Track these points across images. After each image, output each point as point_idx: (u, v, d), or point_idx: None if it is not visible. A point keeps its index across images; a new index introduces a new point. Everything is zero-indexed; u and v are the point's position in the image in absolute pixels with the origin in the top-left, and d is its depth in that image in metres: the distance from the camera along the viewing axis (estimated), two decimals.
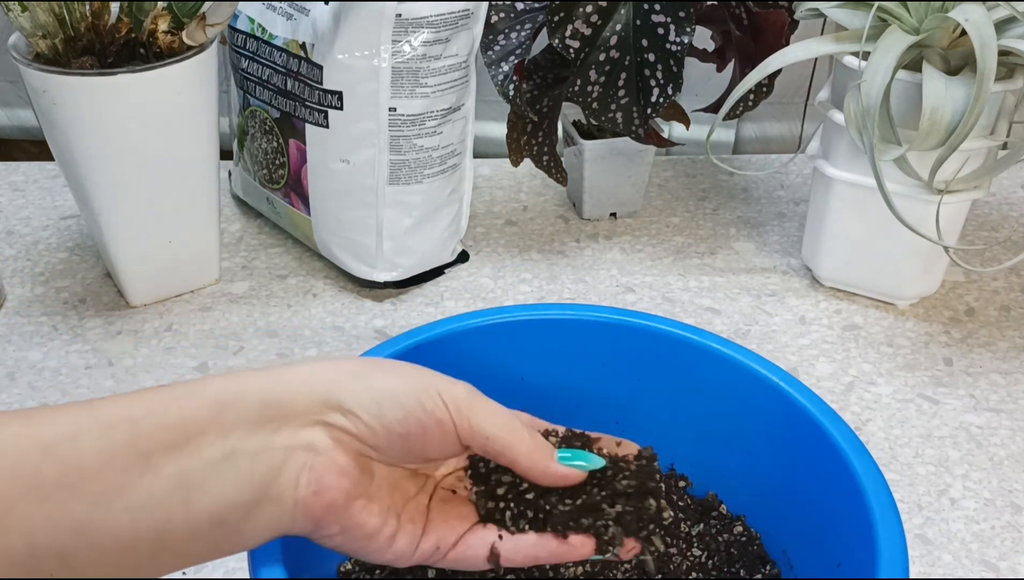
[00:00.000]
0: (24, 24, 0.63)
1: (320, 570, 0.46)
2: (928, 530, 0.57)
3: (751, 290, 0.77)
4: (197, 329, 0.72)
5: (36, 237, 0.82)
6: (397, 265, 0.75)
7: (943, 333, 0.73)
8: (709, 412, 0.51)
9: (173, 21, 0.66)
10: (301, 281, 0.78)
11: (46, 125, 0.66)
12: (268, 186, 0.79)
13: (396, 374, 0.37)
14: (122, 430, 0.33)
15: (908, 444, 0.63)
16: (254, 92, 0.76)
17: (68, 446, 0.32)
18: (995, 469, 0.61)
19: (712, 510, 0.52)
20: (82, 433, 0.33)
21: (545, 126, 0.77)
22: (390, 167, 0.71)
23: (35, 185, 0.90)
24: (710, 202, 0.90)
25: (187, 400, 0.34)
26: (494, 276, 0.79)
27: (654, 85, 0.71)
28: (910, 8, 0.63)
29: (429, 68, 0.69)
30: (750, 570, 0.49)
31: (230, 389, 0.35)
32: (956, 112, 0.60)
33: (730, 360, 0.49)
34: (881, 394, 0.67)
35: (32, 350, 0.69)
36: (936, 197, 0.66)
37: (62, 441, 0.32)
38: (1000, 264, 0.81)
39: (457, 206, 0.77)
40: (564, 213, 0.87)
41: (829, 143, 0.72)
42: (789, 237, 0.84)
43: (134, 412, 0.33)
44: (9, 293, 0.75)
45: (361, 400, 0.36)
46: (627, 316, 0.51)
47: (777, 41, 0.72)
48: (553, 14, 0.69)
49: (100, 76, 0.63)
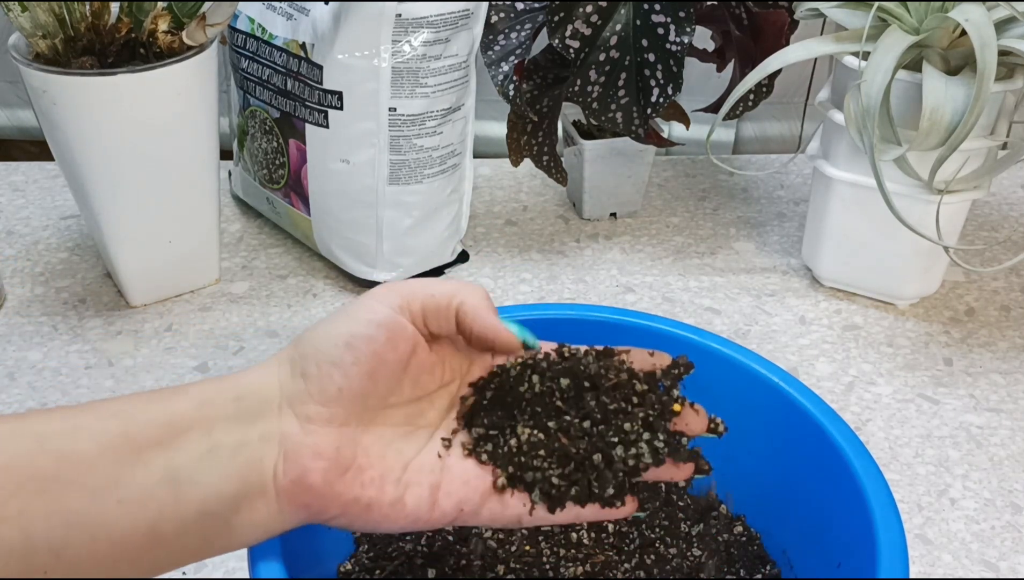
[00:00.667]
0: (24, 24, 0.63)
1: (320, 570, 0.46)
2: (928, 530, 0.57)
3: (751, 290, 0.77)
4: (197, 329, 0.72)
5: (36, 237, 0.82)
6: (397, 265, 0.75)
7: (943, 333, 0.73)
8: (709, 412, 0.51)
9: (173, 21, 0.66)
10: (301, 281, 0.78)
11: (46, 125, 0.66)
12: (268, 186, 0.79)
13: (342, 317, 0.37)
14: (115, 423, 0.34)
15: (908, 444, 0.63)
16: (254, 92, 0.76)
17: (64, 439, 0.33)
18: (995, 469, 0.61)
19: (712, 510, 0.52)
20: (78, 427, 0.34)
21: (545, 126, 0.77)
22: (390, 167, 0.71)
23: (35, 185, 0.90)
24: (710, 202, 0.90)
25: (173, 398, 0.36)
26: (494, 276, 0.79)
27: (654, 85, 0.71)
28: (910, 8, 0.63)
29: (429, 68, 0.69)
30: (750, 570, 0.49)
31: (211, 387, 0.36)
32: (956, 112, 0.60)
33: (730, 360, 0.49)
34: (881, 394, 0.67)
35: (32, 350, 0.69)
36: (936, 197, 0.66)
37: (58, 434, 0.33)
38: (1000, 264, 0.81)
39: (457, 206, 0.77)
40: (564, 213, 0.87)
41: (829, 143, 0.72)
42: (789, 237, 0.85)
43: (126, 407, 0.35)
44: (9, 293, 0.75)
45: (308, 358, 0.37)
46: (627, 316, 0.51)
47: (777, 41, 0.73)
48: (553, 14, 0.69)
49: (100, 76, 0.63)
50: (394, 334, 0.37)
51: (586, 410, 0.39)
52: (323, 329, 0.37)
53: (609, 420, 0.39)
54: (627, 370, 0.40)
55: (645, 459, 0.38)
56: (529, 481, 0.38)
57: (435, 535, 0.50)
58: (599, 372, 0.40)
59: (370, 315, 0.37)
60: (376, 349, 0.37)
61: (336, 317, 0.38)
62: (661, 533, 0.50)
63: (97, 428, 0.34)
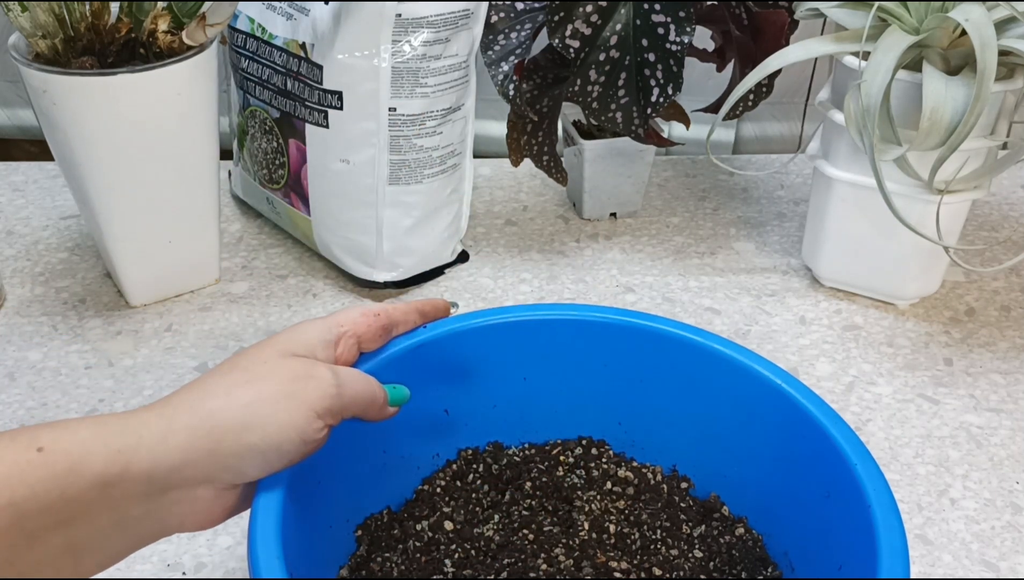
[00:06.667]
0: (24, 24, 0.63)
1: (320, 571, 0.46)
2: (928, 530, 0.57)
3: (751, 290, 0.77)
4: (197, 329, 0.72)
5: (36, 237, 0.82)
6: (397, 265, 0.75)
7: (943, 333, 0.73)
8: (710, 413, 0.51)
9: (173, 21, 0.66)
10: (301, 281, 0.78)
11: (46, 125, 0.66)
12: (268, 186, 0.79)
13: (273, 426, 0.39)
14: (6, 516, 0.33)
15: (908, 444, 0.63)
16: (254, 92, 0.76)
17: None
18: (995, 469, 0.61)
19: (714, 511, 0.52)
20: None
21: (545, 126, 0.77)
22: (390, 167, 0.71)
23: (35, 185, 0.90)
24: (710, 202, 0.90)
25: (69, 482, 0.34)
26: (494, 276, 0.79)
27: (654, 85, 0.71)
28: (910, 8, 0.63)
29: (429, 68, 0.69)
30: (752, 572, 0.49)
31: (111, 468, 0.35)
32: (956, 112, 0.60)
33: (731, 360, 0.49)
34: (881, 394, 0.67)
35: (32, 350, 0.69)
36: (936, 197, 0.66)
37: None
38: (1000, 264, 0.81)
39: (457, 206, 0.77)
40: (564, 213, 0.87)
41: (829, 143, 0.72)
42: (789, 237, 0.84)
43: (15, 496, 0.33)
44: (9, 293, 0.75)
45: (229, 470, 0.38)
46: (628, 316, 0.51)
47: (777, 41, 0.72)
48: (553, 14, 0.69)
49: (100, 76, 0.63)
50: (319, 445, 0.40)
51: None
52: (248, 439, 0.38)
53: None
54: None
55: None
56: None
57: (435, 535, 0.50)
58: None
59: (303, 436, 0.39)
60: (299, 458, 0.40)
61: (265, 423, 0.38)
62: (663, 534, 0.50)
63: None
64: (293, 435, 0.38)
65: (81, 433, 0.35)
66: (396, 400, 0.45)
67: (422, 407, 0.50)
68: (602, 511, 0.51)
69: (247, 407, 0.38)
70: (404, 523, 0.51)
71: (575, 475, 0.53)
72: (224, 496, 0.39)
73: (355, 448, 0.48)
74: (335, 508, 0.48)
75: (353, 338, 0.45)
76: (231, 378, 0.39)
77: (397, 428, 0.48)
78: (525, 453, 0.54)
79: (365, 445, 0.49)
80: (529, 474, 0.53)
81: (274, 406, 0.38)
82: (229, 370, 0.39)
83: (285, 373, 0.39)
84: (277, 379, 0.39)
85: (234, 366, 0.40)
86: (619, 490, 0.52)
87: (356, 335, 0.45)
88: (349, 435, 0.44)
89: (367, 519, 0.51)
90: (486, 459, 0.54)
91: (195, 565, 0.53)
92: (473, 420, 0.54)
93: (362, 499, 0.51)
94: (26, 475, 0.33)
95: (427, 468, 0.54)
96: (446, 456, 0.54)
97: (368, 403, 0.42)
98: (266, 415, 0.38)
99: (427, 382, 0.49)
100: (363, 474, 0.50)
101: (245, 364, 0.40)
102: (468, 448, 0.54)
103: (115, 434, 0.36)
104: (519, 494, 0.52)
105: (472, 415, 0.54)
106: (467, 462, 0.54)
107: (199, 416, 0.37)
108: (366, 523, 0.51)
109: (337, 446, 0.43)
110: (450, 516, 0.51)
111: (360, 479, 0.50)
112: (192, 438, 0.37)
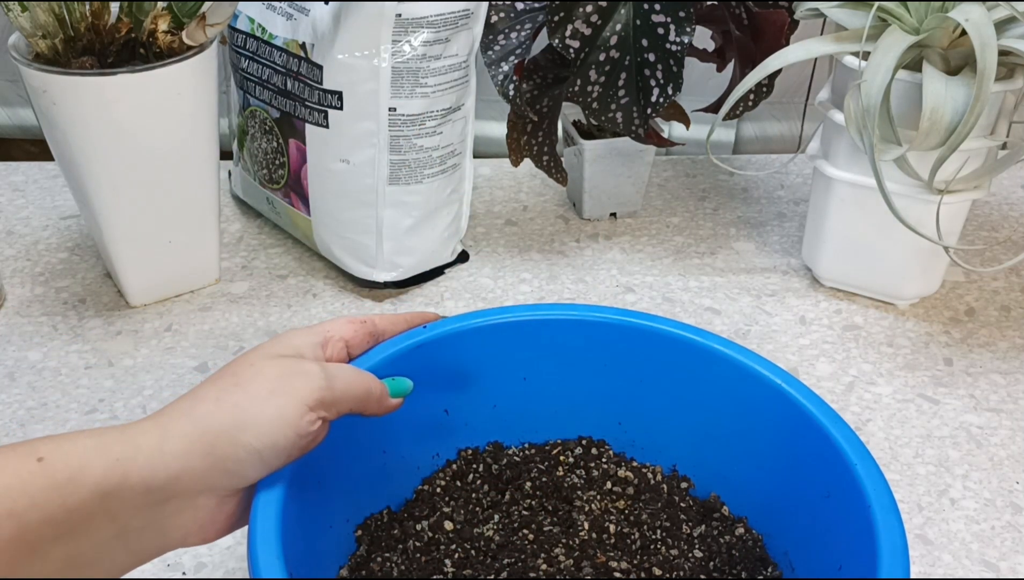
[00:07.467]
0: (24, 24, 0.63)
1: (321, 570, 0.46)
2: (928, 530, 0.57)
3: (751, 290, 0.77)
4: (197, 329, 0.72)
5: (36, 237, 0.82)
6: (397, 265, 0.75)
7: (943, 333, 0.73)
8: (710, 413, 0.51)
9: (173, 21, 0.66)
10: (301, 281, 0.78)
11: (46, 125, 0.66)
12: (268, 186, 0.79)
13: (265, 423, 0.39)
14: (7, 526, 0.33)
15: (908, 444, 0.63)
16: (254, 92, 0.76)
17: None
18: (995, 469, 0.61)
19: (714, 511, 0.52)
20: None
21: (545, 126, 0.77)
22: (390, 167, 0.71)
23: (35, 185, 0.90)
24: (710, 202, 0.90)
25: (69, 491, 0.34)
26: (494, 276, 0.79)
27: (654, 85, 0.71)
28: (910, 8, 0.63)
29: (429, 68, 0.69)
30: (752, 572, 0.49)
31: (110, 477, 0.35)
32: (956, 112, 0.60)
33: (731, 360, 0.49)
34: (881, 394, 0.67)
35: (32, 350, 0.69)
36: (936, 197, 0.66)
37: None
38: (1000, 264, 0.81)
39: (457, 206, 0.77)
40: (564, 213, 0.87)
41: (829, 143, 0.72)
42: (789, 237, 0.84)
43: (16, 506, 0.33)
44: (9, 293, 0.75)
45: (227, 474, 0.38)
46: (628, 316, 0.51)
47: (777, 41, 0.72)
48: (553, 14, 0.69)
49: (100, 76, 0.63)
50: (316, 440, 0.41)
51: None
52: (243, 439, 0.38)
53: None
54: None
55: None
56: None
57: (435, 535, 0.50)
58: None
59: (296, 430, 0.39)
60: (297, 454, 0.40)
61: (258, 421, 0.38)
62: (662, 534, 0.50)
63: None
64: (287, 430, 0.38)
65: (80, 443, 0.35)
66: (398, 391, 0.45)
67: (422, 407, 0.50)
68: (602, 511, 0.51)
69: (237, 407, 0.38)
70: (404, 523, 0.51)
71: (575, 475, 0.53)
72: (226, 504, 0.39)
73: (355, 448, 0.48)
74: (335, 508, 0.48)
75: (341, 342, 0.45)
76: (220, 384, 0.39)
77: (397, 428, 0.48)
78: (525, 453, 0.54)
79: (365, 445, 0.49)
80: (529, 474, 0.53)
81: (264, 403, 0.38)
82: (219, 377, 0.40)
83: (273, 372, 0.40)
84: (265, 378, 0.39)
85: (223, 373, 0.40)
86: (619, 490, 0.52)
87: (343, 339, 0.45)
88: (349, 435, 0.45)
89: (367, 519, 0.51)
90: (486, 459, 0.54)
91: (195, 565, 0.53)
92: (473, 420, 0.54)
93: (362, 499, 0.51)
94: (27, 485, 0.34)
95: (427, 468, 0.54)
96: (446, 456, 0.54)
97: (363, 395, 0.42)
98: (257, 413, 0.38)
99: (427, 382, 0.49)
100: (363, 474, 0.50)
101: (234, 370, 0.40)
102: (468, 448, 0.54)
103: (113, 443, 0.36)
104: (519, 494, 0.52)
105: (472, 415, 0.54)
106: (467, 462, 0.54)
107: (192, 422, 0.38)
108: (366, 523, 0.51)
109: (337, 446, 0.43)
110: (450, 516, 0.51)
111: (360, 479, 0.50)
112: (187, 444, 0.37)
